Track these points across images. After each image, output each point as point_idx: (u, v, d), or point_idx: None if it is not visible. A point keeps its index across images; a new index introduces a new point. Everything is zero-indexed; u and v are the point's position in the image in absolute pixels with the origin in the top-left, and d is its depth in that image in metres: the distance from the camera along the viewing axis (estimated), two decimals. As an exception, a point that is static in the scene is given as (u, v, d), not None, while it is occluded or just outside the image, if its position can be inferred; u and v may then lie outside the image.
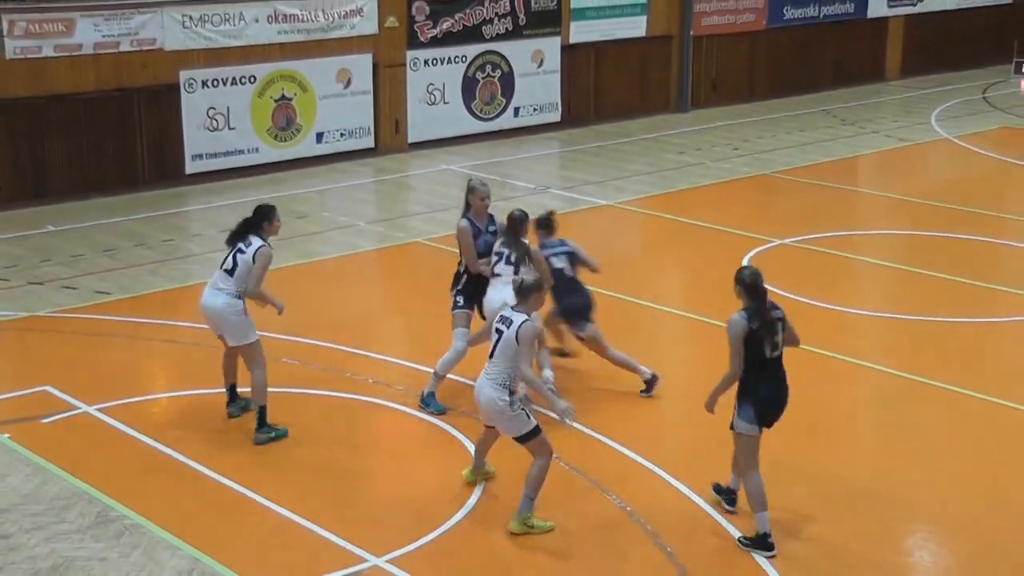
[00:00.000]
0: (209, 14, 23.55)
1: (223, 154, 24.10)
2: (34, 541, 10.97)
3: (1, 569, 10.53)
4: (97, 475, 12.19)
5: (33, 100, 21.92)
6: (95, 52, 22.45)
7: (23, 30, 21.69)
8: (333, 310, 17.15)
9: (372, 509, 11.71)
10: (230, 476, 12.13)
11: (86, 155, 22.62)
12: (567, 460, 12.27)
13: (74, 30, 22.19)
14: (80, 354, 15.42)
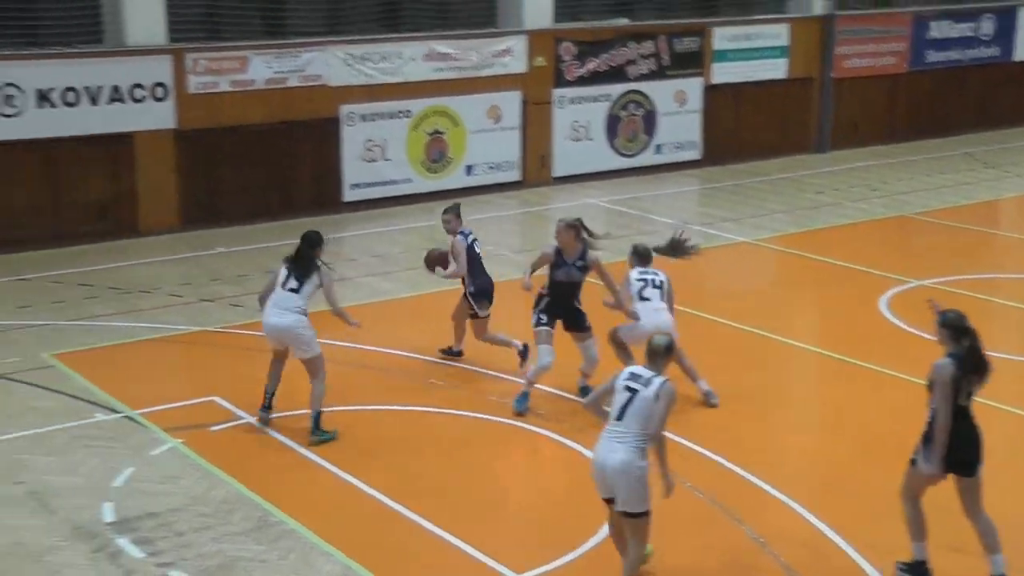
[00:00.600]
0: (370, 52, 24.27)
1: (379, 184, 24.77)
2: (203, 540, 11.41)
3: (174, 564, 10.97)
4: (259, 481, 12.59)
5: (209, 131, 22.79)
6: (266, 87, 23.27)
7: (204, 67, 22.63)
8: None
9: (511, 526, 11.98)
10: (380, 489, 12.41)
11: (254, 183, 23.43)
12: (692, 483, 12.41)
13: (248, 67, 23.06)
14: (245, 367, 15.80)
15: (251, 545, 11.36)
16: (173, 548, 11.32)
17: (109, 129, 22.00)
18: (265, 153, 23.45)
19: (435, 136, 25.44)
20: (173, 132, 22.53)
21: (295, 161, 23.88)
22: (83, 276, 19.85)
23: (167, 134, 22.51)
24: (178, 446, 13.48)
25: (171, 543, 11.41)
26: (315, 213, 23.51)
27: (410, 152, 25.13)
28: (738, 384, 15.18)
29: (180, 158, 22.68)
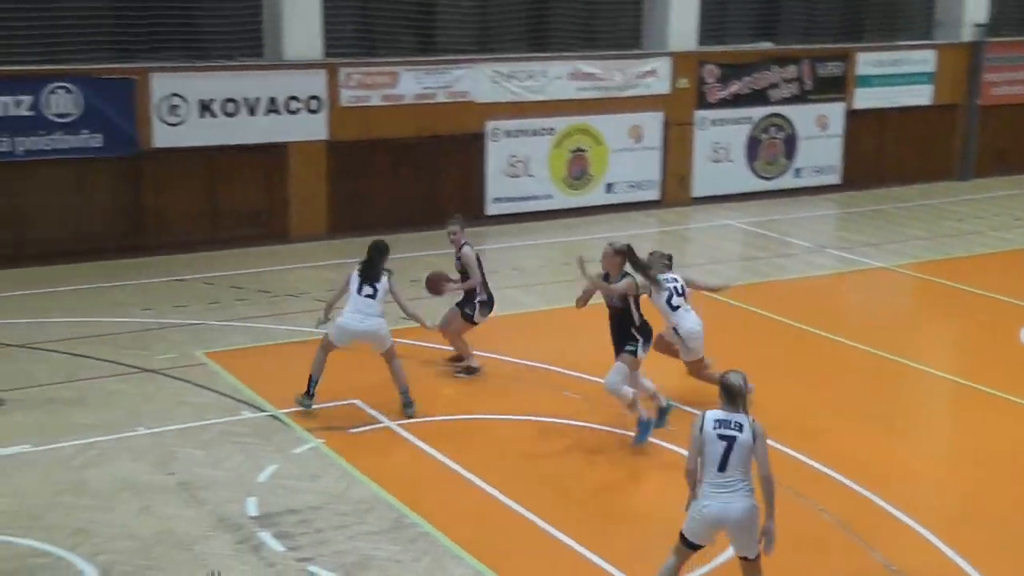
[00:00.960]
0: (517, 70, 24.54)
1: (521, 199, 25.02)
2: (340, 538, 11.61)
3: (313, 560, 11.18)
4: (396, 484, 12.74)
5: (359, 143, 23.22)
6: (415, 102, 23.62)
7: (356, 82, 23.07)
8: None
9: (642, 539, 11.93)
10: (513, 496, 12.49)
11: (400, 194, 23.78)
12: (823, 506, 12.38)
13: (398, 82, 23.45)
14: (385, 373, 15.68)
15: (386, 545, 11.51)
16: (312, 544, 11.53)
17: (265, 139, 22.53)
18: (412, 165, 23.82)
19: (577, 154, 25.61)
20: (325, 143, 23.01)
21: (440, 174, 24.21)
22: (235, 279, 20.32)
23: (319, 145, 22.99)
24: (319, 446, 13.73)
25: (310, 539, 11.62)
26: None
27: (552, 168, 25.34)
28: (871, 409, 15.16)
29: (331, 168, 23.13)
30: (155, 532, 11.80)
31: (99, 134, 21.36)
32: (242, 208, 22.54)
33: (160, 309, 18.88)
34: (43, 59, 21.32)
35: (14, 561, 11.28)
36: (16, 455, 13.43)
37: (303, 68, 22.71)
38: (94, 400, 15.17)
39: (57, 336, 17.47)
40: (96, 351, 16.87)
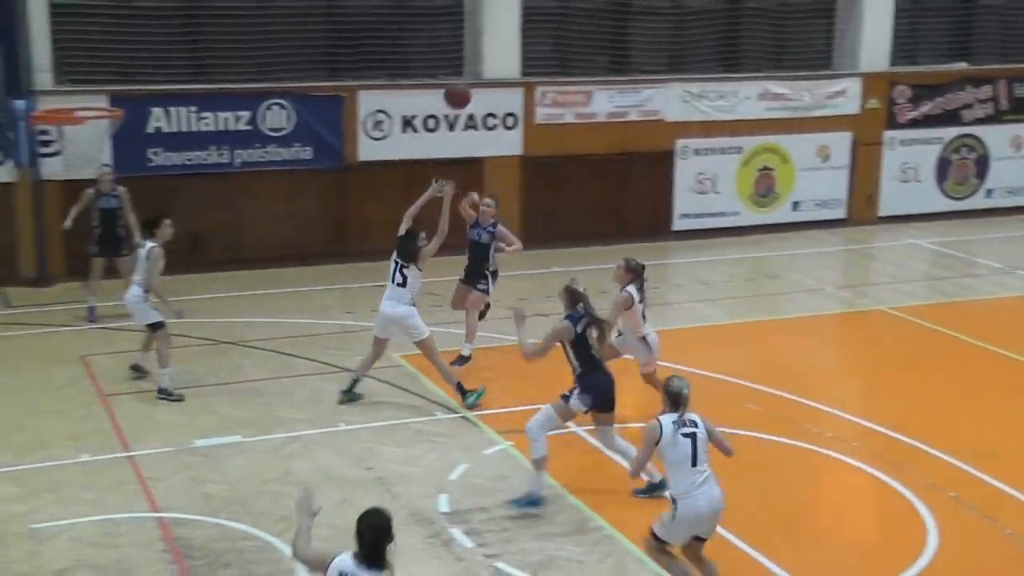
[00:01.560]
0: (707, 91, 24.59)
1: (707, 215, 25.03)
2: (527, 537, 11.79)
3: (500, 556, 11.39)
4: (580, 487, 12.87)
5: (552, 159, 23.49)
6: (607, 120, 23.84)
7: (551, 100, 23.41)
8: (795, 364, 17.42)
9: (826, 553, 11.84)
10: None
11: (590, 208, 24.01)
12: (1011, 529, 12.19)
13: (591, 101, 23.71)
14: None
15: (570, 546, 11.62)
16: (499, 541, 11.72)
17: (463, 153, 22.95)
18: (602, 181, 24.02)
19: (764, 172, 25.52)
20: (520, 158, 23.38)
21: (629, 190, 24.36)
22: (432, 286, 20.54)
23: (514, 160, 23.36)
24: (508, 448, 13.94)
25: (498, 537, 11.82)
26: (645, 239, 23.86)
27: (739, 186, 25.31)
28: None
29: (524, 182, 23.45)
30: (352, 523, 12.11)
31: (309, 147, 22.04)
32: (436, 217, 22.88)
33: (361, 312, 19.24)
34: (260, 78, 22.09)
35: (225, 542, 11.76)
36: (229, 444, 14.01)
37: (501, 87, 23.10)
38: (299, 396, 15.70)
39: (266, 335, 18.10)
40: (301, 350, 17.43)
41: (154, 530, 12.05)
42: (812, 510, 12.98)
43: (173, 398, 15.38)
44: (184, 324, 18.41)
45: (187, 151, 21.46)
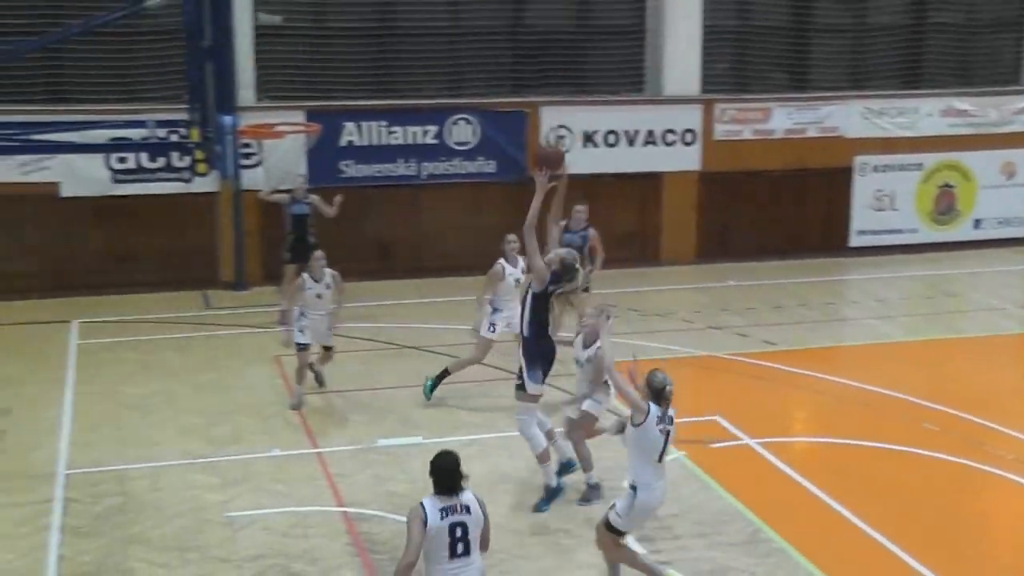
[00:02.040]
0: (888, 107, 24.19)
1: (885, 232, 24.59)
2: (698, 545, 11.68)
3: (671, 564, 11.26)
4: (753, 499, 12.67)
5: (729, 174, 23.39)
6: (785, 136, 23.65)
7: (730, 117, 23.32)
8: (974, 384, 16.89)
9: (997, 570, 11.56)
10: (864, 519, 12.25)
11: (766, 223, 23.84)
12: None
13: (770, 118, 23.56)
14: (746, 393, 16.04)
15: (741, 557, 11.49)
16: (671, 549, 11.62)
17: (642, 168, 23.01)
18: (779, 197, 23.83)
19: (945, 189, 24.96)
20: (697, 174, 23.32)
21: (806, 206, 24.12)
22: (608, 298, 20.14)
23: (692, 175, 23.32)
24: (682, 458, 13.74)
25: (670, 544, 11.73)
26: (821, 255, 23.71)
27: (919, 203, 24.80)
28: None
29: (701, 197, 23.41)
30: (527, 524, 12.22)
31: (493, 161, 22.35)
32: (617, 231, 23.00)
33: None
34: (447, 94, 22.47)
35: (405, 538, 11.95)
36: (411, 445, 14.17)
37: (681, 103, 23.08)
38: (477, 401, 15.83)
39: (447, 341, 18.17)
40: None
41: (340, 524, 12.31)
42: (991, 535, 12.60)
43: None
44: (370, 328, 18.90)
45: (377, 163, 21.92)
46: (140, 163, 21.05)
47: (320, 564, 11.49)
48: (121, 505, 12.83)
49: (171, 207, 21.37)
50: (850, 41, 24.85)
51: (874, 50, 24.92)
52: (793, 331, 19.04)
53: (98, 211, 21.20)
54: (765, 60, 24.24)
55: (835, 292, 21.86)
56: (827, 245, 24.06)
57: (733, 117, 23.37)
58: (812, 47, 24.58)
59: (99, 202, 21.15)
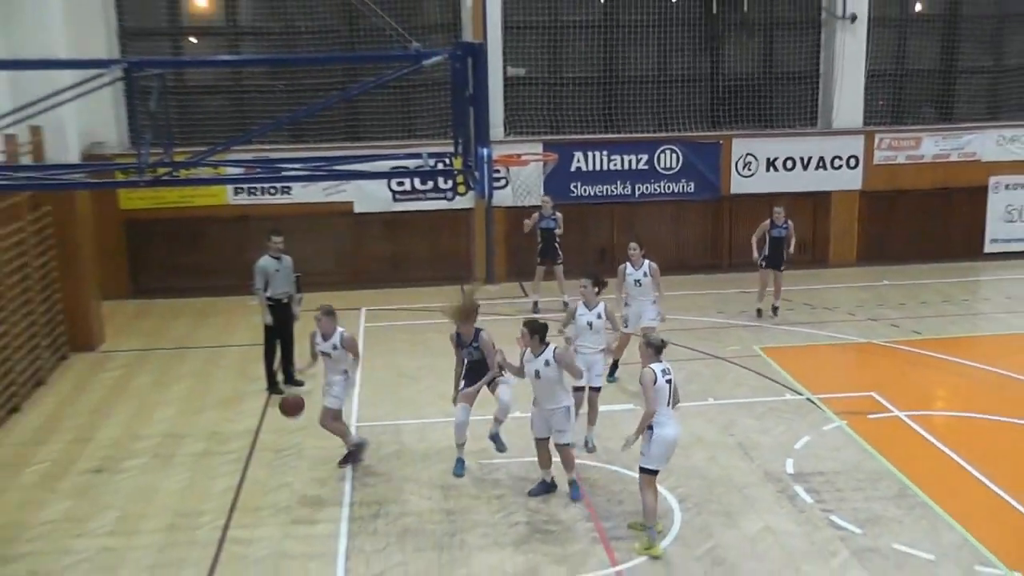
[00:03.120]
0: (1019, 135, 23.32)
1: (1015, 240, 23.68)
2: (856, 498, 11.70)
3: (833, 512, 11.30)
4: (901, 461, 12.60)
5: (886, 193, 22.95)
6: (932, 161, 23.06)
7: (887, 145, 22.90)
8: None
9: None
10: (996, 481, 12.03)
11: (915, 233, 23.25)
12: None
13: (920, 145, 23.02)
14: (897, 374, 15.78)
15: (892, 509, 11.48)
16: (833, 500, 11.70)
17: (814, 188, 22.74)
18: (926, 211, 23.23)
19: (1065, 204, 24.04)
20: (859, 192, 22.95)
21: (949, 218, 23.45)
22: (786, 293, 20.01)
23: (854, 194, 22.95)
24: (843, 426, 13.77)
25: (832, 496, 11.79)
26: (961, 259, 23.10)
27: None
28: None
29: (862, 212, 23.03)
30: (717, 476, 12.37)
31: (692, 183, 22.33)
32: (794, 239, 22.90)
33: (730, 313, 19.43)
34: (657, 128, 22.54)
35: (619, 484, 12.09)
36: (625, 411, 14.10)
37: (847, 134, 22.74)
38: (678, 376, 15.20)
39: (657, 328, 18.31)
40: (681, 339, 17.44)
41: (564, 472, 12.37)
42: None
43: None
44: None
45: (599, 185, 22.13)
46: (414, 186, 21.60)
47: (551, 503, 11.80)
48: (398, 452, 13.31)
49: (437, 220, 21.89)
50: (988, 80, 24.07)
51: (1008, 87, 24.08)
52: (937, 323, 18.65)
53: (382, 223, 21.84)
54: (917, 97, 23.66)
55: (972, 290, 21.29)
56: (966, 251, 23.41)
57: (889, 145, 22.93)
58: (956, 86, 23.88)
59: (383, 216, 21.77)
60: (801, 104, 23.22)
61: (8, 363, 15.01)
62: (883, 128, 23.08)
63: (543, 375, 11.52)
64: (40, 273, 16.53)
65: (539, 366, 11.51)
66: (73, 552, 11.05)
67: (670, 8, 22.53)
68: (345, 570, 10.56)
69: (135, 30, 21.11)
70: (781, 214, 18.73)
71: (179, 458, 13.38)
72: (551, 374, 11.51)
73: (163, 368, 16.96)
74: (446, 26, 21.73)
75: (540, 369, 11.52)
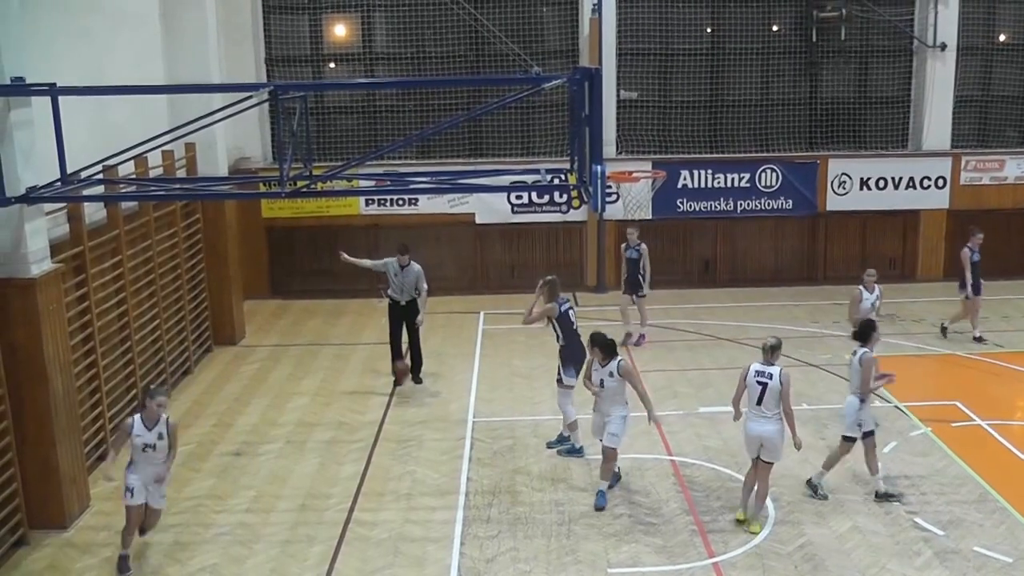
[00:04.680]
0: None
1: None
2: (939, 501, 11.46)
3: (918, 513, 11.16)
4: (983, 468, 12.32)
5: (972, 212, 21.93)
6: (1014, 182, 22.29)
7: (973, 167, 22.20)
8: None
9: None
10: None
11: (999, 249, 21.64)
12: None
13: (1004, 168, 22.25)
14: (980, 384, 15.42)
15: (972, 512, 11.28)
16: (918, 503, 11.51)
17: (903, 206, 22.15)
18: (1009, 229, 22.25)
19: None
20: (946, 211, 22.25)
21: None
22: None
23: (942, 212, 22.24)
24: (928, 433, 13.52)
25: (917, 499, 11.60)
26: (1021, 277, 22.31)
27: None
28: None
29: (949, 229, 22.20)
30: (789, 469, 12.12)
31: (791, 200, 21.92)
32: (884, 254, 22.40)
33: (823, 323, 19.10)
34: (758, 149, 22.25)
35: (718, 481, 12.12)
36: (723, 412, 13.65)
37: (935, 156, 22.09)
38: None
39: (754, 335, 17.89)
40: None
41: (668, 468, 12.59)
42: None
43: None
44: (695, 324, 19.03)
45: (704, 201, 21.86)
46: (532, 199, 21.65)
47: (652, 497, 11.81)
48: (511, 446, 13.40)
49: (552, 231, 21.93)
50: (1072, 105, 23.23)
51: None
52: (1018, 336, 18.08)
53: (501, 233, 21.90)
54: (1001, 122, 22.89)
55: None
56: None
57: (975, 167, 22.20)
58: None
59: (502, 227, 21.83)
60: (893, 127, 22.64)
61: (160, 354, 15.50)
62: (969, 151, 22.37)
63: (607, 385, 11.56)
64: (190, 274, 17.01)
65: (604, 375, 11.55)
66: (214, 526, 11.36)
67: (772, 36, 22.24)
68: (460, 553, 10.64)
69: (280, 57, 21.61)
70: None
71: (310, 445, 13.65)
72: (613, 384, 11.56)
73: (297, 362, 17.30)
74: (565, 52, 21.77)
75: (605, 379, 11.55)
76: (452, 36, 21.55)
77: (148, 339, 15.13)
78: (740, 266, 22.26)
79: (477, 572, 10.29)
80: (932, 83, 22.06)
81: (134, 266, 14.67)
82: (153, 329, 15.30)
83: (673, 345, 16.85)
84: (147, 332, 15.09)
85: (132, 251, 14.62)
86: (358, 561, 10.55)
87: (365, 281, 19.96)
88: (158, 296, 15.47)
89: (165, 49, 17.00)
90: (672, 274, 21.73)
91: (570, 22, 21.78)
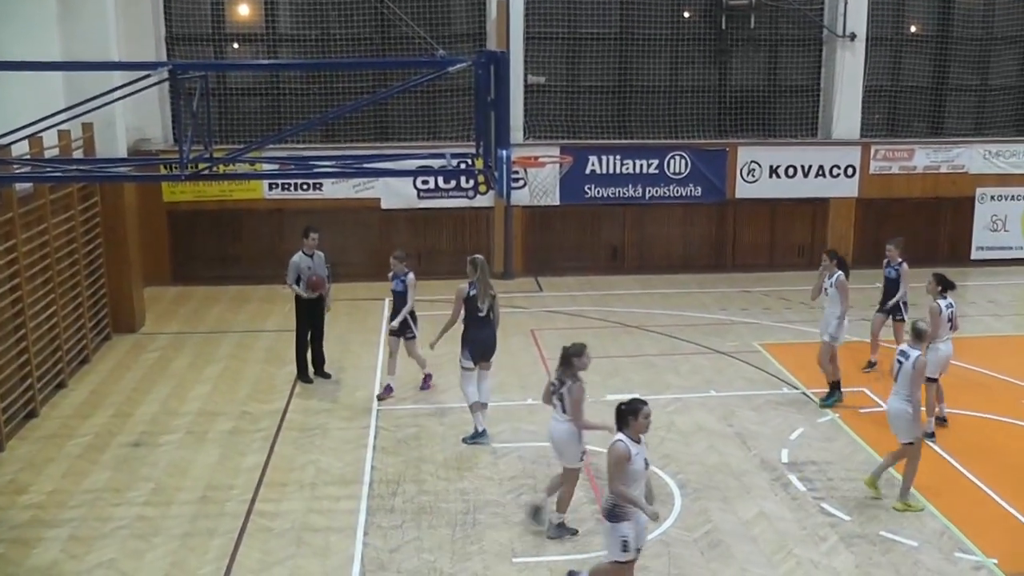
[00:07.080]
0: (1003, 150, 23.09)
1: (999, 248, 23.42)
2: (846, 487, 11.57)
3: (824, 499, 11.22)
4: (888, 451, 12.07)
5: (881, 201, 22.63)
6: (923, 172, 22.83)
7: (881, 156, 22.66)
8: None
9: None
10: (969, 468, 11.97)
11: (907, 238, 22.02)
12: None
13: (913, 157, 22.77)
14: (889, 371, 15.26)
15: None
16: (825, 488, 11.65)
17: (813, 195, 22.55)
18: (917, 219, 22.89)
19: (1046, 213, 23.74)
20: (855, 200, 22.72)
21: (938, 226, 23.24)
22: (784, 293, 20.39)
23: (850, 201, 22.70)
24: (835, 419, 13.71)
25: (823, 484, 11.74)
26: (949, 265, 22.48)
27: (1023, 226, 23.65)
28: None
29: (857, 217, 22.74)
30: (716, 463, 12.33)
31: (700, 187, 22.12)
32: (791, 242, 22.80)
33: (731, 310, 19.31)
34: (667, 135, 22.41)
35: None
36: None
37: (844, 145, 22.54)
38: (682, 368, 15.87)
39: (662, 323, 18.29)
40: (686, 335, 17.54)
41: (580, 456, 12.61)
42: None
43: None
44: (602, 311, 19.10)
45: (612, 187, 21.96)
46: (438, 184, 21.49)
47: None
48: (416, 434, 13.28)
49: (459, 217, 21.84)
50: (976, 98, 23.85)
51: (994, 106, 23.86)
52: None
53: (407, 219, 21.74)
54: (910, 113, 23.47)
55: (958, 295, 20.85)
56: (953, 257, 23.14)
57: (884, 156, 22.71)
58: (947, 103, 23.65)
59: (408, 213, 21.67)
60: (803, 116, 23.03)
61: (56, 342, 15.02)
62: (878, 140, 22.87)
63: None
64: (88, 259, 16.51)
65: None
66: (112, 519, 11.04)
67: (681, 23, 22.41)
68: (364, 544, 10.50)
69: (182, 35, 21.10)
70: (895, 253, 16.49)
71: (212, 435, 13.37)
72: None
73: (199, 351, 16.94)
74: (472, 35, 21.64)
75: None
76: (358, 18, 21.26)
77: (44, 327, 14.66)
78: (648, 253, 22.40)
79: (381, 562, 10.16)
80: (842, 72, 22.46)
81: (29, 251, 14.19)
82: (49, 316, 14.83)
83: (581, 333, 16.87)
84: (43, 320, 14.63)
85: (27, 235, 14.13)
86: (260, 553, 10.34)
87: (269, 267, 19.63)
88: (54, 282, 14.98)
89: (61, 24, 16.44)
90: (580, 260, 21.78)
91: (478, 5, 21.64)
